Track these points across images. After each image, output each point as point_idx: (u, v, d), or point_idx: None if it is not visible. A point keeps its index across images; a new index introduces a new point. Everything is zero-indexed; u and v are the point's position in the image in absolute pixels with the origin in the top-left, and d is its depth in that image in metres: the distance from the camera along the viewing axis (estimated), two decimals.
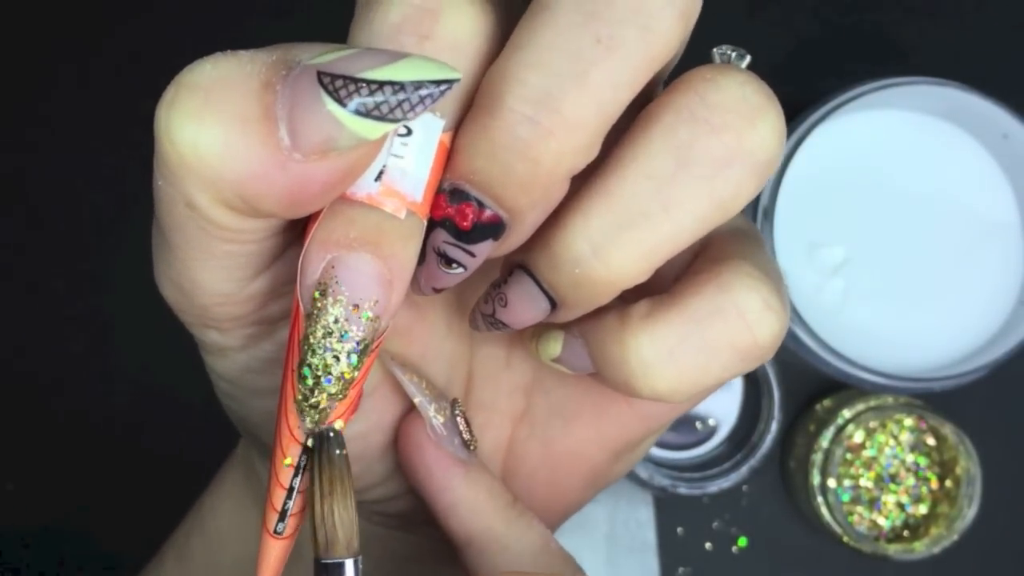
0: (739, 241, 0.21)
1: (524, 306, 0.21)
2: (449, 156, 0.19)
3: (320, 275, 0.17)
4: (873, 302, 0.50)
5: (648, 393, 0.20)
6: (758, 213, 0.47)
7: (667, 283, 0.21)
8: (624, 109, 0.18)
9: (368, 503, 0.26)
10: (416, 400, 0.24)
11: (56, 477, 0.53)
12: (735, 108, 0.18)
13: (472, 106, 0.18)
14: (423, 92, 0.16)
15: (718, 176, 0.18)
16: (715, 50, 0.21)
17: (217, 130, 0.16)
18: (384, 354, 0.24)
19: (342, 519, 0.19)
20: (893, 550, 0.49)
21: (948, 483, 0.51)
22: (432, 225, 0.19)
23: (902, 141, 0.50)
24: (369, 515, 0.27)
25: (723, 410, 0.53)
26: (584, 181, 0.19)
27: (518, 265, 0.21)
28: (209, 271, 0.19)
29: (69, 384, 0.54)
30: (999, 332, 0.49)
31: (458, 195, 0.19)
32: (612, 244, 0.19)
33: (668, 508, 0.53)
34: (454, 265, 0.19)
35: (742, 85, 0.19)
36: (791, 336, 0.47)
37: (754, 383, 0.52)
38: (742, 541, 0.53)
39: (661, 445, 0.52)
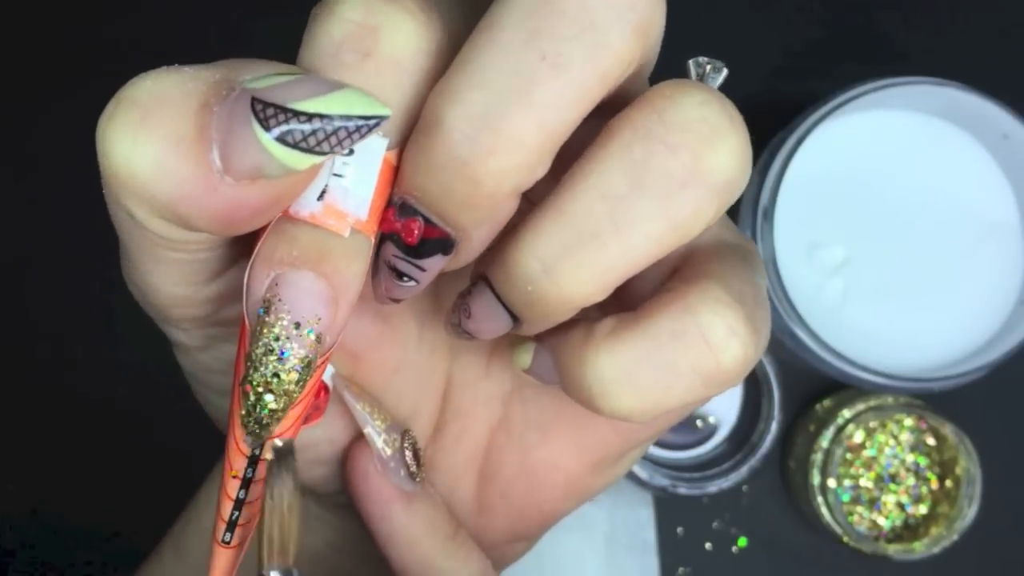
0: (718, 258, 0.21)
1: (487, 318, 0.20)
2: (396, 172, 0.18)
3: (264, 292, 0.17)
4: (873, 302, 0.49)
5: (608, 412, 0.20)
6: (758, 213, 0.47)
7: (643, 297, 0.20)
8: (574, 127, 0.18)
9: (317, 496, 0.27)
10: (365, 430, 0.24)
11: (57, 476, 0.53)
12: (693, 128, 0.18)
13: (417, 123, 0.18)
14: (351, 126, 0.16)
15: (674, 197, 0.18)
16: (691, 62, 0.21)
17: (151, 148, 0.16)
18: (338, 380, 0.24)
19: (291, 532, 0.19)
20: (893, 550, 0.49)
21: (948, 483, 0.51)
22: (383, 238, 0.19)
23: (902, 141, 0.50)
24: (322, 503, 0.28)
25: (723, 410, 0.53)
26: (542, 197, 0.19)
27: (481, 276, 0.20)
28: (161, 275, 0.19)
29: (70, 381, 0.54)
30: (999, 332, 0.49)
31: (406, 210, 0.18)
32: (563, 264, 0.18)
33: (668, 508, 0.53)
34: (405, 278, 0.19)
35: (702, 105, 0.18)
36: (791, 336, 0.47)
37: (754, 383, 0.52)
38: (742, 541, 0.53)
39: (661, 445, 0.52)
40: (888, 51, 0.54)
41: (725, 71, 0.20)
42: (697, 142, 0.18)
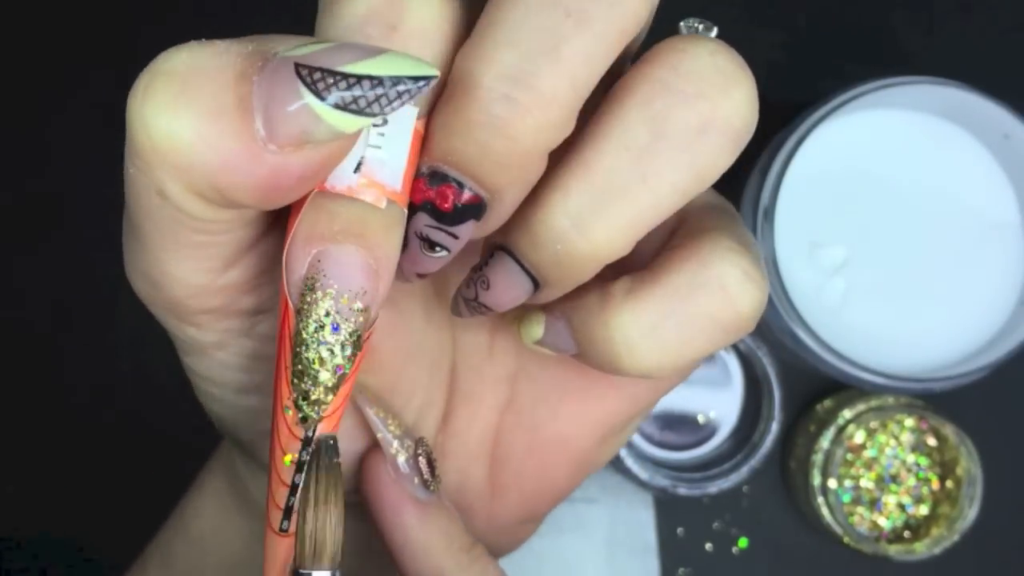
0: (715, 215, 0.22)
1: (507, 287, 0.21)
2: (424, 140, 0.19)
3: (307, 270, 0.18)
4: (874, 302, 0.49)
5: (633, 370, 0.21)
6: (758, 213, 0.47)
7: (645, 259, 0.21)
8: (596, 82, 0.18)
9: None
10: (379, 436, 0.24)
11: (57, 480, 0.53)
12: (708, 77, 0.19)
13: (445, 89, 0.18)
14: (401, 88, 0.16)
15: (695, 145, 0.19)
16: (682, 23, 0.21)
17: (191, 120, 0.16)
18: (355, 387, 0.24)
19: (331, 529, 0.19)
20: (894, 551, 0.49)
21: (949, 484, 0.51)
22: (413, 210, 0.19)
23: (902, 141, 0.50)
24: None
25: (723, 410, 0.53)
26: (560, 157, 0.19)
27: (499, 246, 0.21)
28: (180, 262, 0.19)
29: (70, 384, 0.54)
30: (1000, 332, 0.49)
31: (437, 177, 0.19)
32: (593, 218, 0.19)
33: (668, 509, 0.53)
34: (437, 249, 0.20)
35: (713, 54, 0.19)
36: (791, 336, 0.47)
37: (754, 383, 0.52)
38: (742, 542, 0.53)
39: (661, 445, 0.52)
40: (888, 51, 0.54)
41: (716, 29, 0.21)
42: (713, 90, 0.19)
